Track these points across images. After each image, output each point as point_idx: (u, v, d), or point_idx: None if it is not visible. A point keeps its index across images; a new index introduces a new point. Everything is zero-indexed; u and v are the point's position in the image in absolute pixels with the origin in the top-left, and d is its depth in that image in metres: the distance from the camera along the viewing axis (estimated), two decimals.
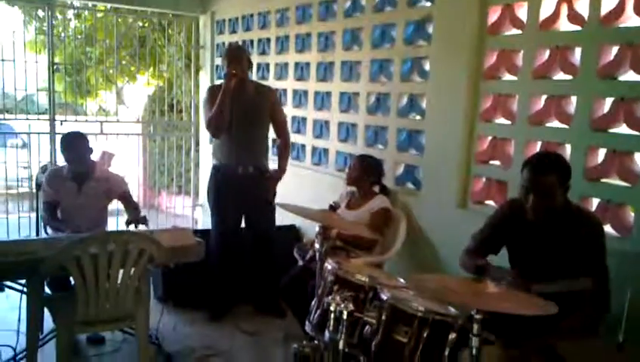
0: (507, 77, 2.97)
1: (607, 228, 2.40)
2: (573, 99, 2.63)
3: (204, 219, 6.26)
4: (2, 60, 5.23)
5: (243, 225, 3.74)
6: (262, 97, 3.65)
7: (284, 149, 3.78)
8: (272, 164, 3.78)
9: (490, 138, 3.05)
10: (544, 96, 2.77)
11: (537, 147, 2.79)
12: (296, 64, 4.57)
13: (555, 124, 2.74)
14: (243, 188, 3.57)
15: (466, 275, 2.17)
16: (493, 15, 2.99)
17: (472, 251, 2.37)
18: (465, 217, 3.06)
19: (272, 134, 3.78)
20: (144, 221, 3.26)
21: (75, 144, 3.34)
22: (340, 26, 4.05)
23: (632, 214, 2.44)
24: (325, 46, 4.24)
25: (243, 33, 5.34)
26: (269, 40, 4.90)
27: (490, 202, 3.05)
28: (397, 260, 3.33)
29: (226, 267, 3.69)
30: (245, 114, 3.54)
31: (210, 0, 5.82)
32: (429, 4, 3.37)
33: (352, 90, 4.00)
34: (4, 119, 5.79)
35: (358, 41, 3.91)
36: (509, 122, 2.93)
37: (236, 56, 3.55)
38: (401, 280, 2.18)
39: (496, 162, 3.03)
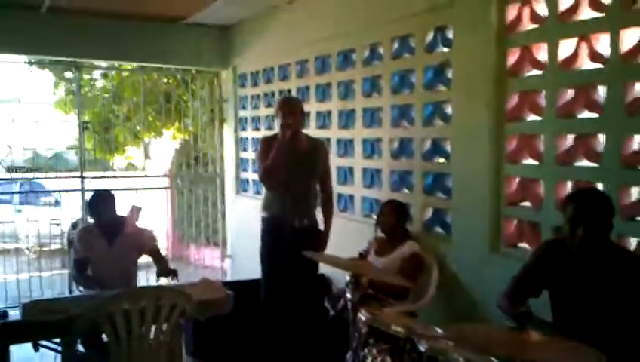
0: (531, 117, 2.97)
1: None
2: (601, 137, 2.61)
3: (232, 271, 6.26)
4: (35, 121, 5.43)
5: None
6: (315, 150, 3.68)
7: (330, 203, 3.80)
8: None
9: (518, 179, 3.02)
10: (570, 135, 2.76)
11: (568, 187, 2.75)
12: (318, 113, 4.64)
13: (584, 163, 2.71)
14: (298, 242, 3.43)
15: (507, 322, 2.11)
16: (512, 57, 3.00)
17: (511, 295, 2.31)
18: (498, 261, 3.00)
19: None
20: (174, 273, 3.28)
21: (102, 203, 3.42)
22: (359, 74, 4.12)
23: None
24: (345, 94, 4.30)
25: (264, 85, 5.46)
26: (289, 91, 5.00)
27: (524, 245, 2.99)
28: (431, 307, 3.26)
29: (274, 318, 3.63)
30: (300, 166, 3.54)
31: (231, 55, 5.99)
32: (446, 49, 3.42)
33: (374, 136, 4.03)
34: (36, 178, 5.94)
35: (378, 87, 3.97)
36: (536, 162, 2.91)
37: (291, 107, 3.56)
38: (439, 329, 2.14)
39: (527, 203, 2.99)
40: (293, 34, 4.87)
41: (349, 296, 2.44)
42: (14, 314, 2.71)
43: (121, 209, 3.60)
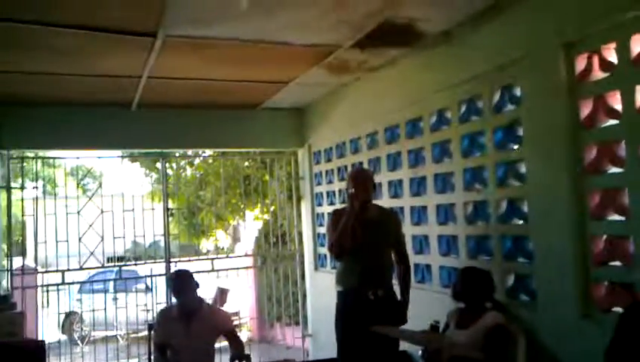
0: (613, 170, 2.76)
1: None
2: None
3: (313, 349, 6.11)
4: (131, 211, 5.75)
5: None
6: (387, 219, 3.66)
7: (407, 275, 3.69)
8: None
9: (604, 237, 2.77)
10: None
11: None
12: (390, 182, 4.60)
13: None
14: (373, 314, 3.35)
15: None
16: (585, 109, 2.86)
17: None
18: (590, 328, 2.72)
19: None
20: (248, 359, 3.24)
21: (179, 280, 3.50)
22: (427, 140, 4.09)
23: None
24: (416, 161, 4.26)
25: (337, 160, 5.54)
26: (361, 163, 5.02)
27: (618, 309, 2.69)
28: None
29: None
30: (371, 236, 3.50)
31: (306, 134, 6.18)
32: (514, 107, 3.32)
33: (447, 202, 3.91)
34: (124, 265, 6.20)
35: (448, 152, 3.89)
36: (622, 218, 2.67)
37: (360, 178, 3.59)
38: None
39: (617, 263, 2.72)
40: (361, 108, 4.97)
41: None
42: None
43: (206, 291, 3.65)
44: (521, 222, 3.30)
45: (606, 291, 2.76)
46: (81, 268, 5.59)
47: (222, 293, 8.77)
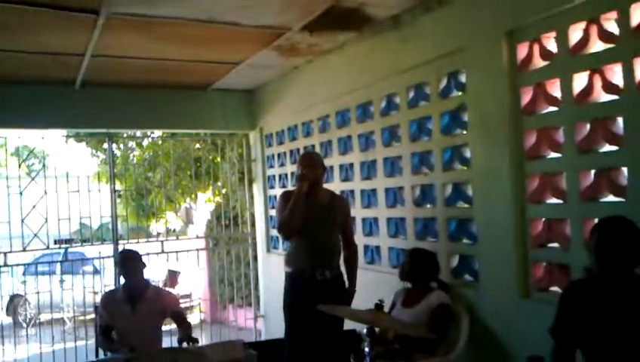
0: (551, 155, 2.88)
1: None
2: (624, 170, 2.49)
3: (266, 330, 6.15)
4: (76, 192, 5.59)
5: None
6: (335, 202, 3.68)
7: (354, 261, 3.74)
8: None
9: (543, 220, 2.90)
10: (593, 171, 2.64)
11: None
12: (341, 166, 4.64)
13: (610, 198, 2.58)
14: (320, 294, 3.39)
15: None
16: (526, 96, 2.95)
17: (559, 352, 2.14)
18: (530, 307, 2.85)
19: None
20: (195, 341, 3.23)
21: (128, 260, 3.45)
22: (377, 125, 4.13)
23: None
24: (366, 145, 4.30)
25: (289, 143, 5.53)
26: (313, 146, 5.04)
27: (556, 288, 2.83)
28: (462, 360, 3.08)
29: None
30: (320, 218, 3.53)
31: (257, 116, 6.13)
32: (460, 93, 3.40)
33: (396, 185, 3.98)
34: (70, 247, 6.04)
35: (397, 136, 3.95)
36: (560, 201, 2.79)
37: (309, 160, 3.62)
38: None
39: (555, 244, 2.85)
40: (313, 92, 4.96)
41: (366, 349, 2.34)
42: None
43: (156, 273, 3.61)
44: (465, 205, 3.40)
45: (544, 271, 2.88)
46: (24, 250, 5.41)
47: (172, 275, 8.69)
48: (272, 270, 5.89)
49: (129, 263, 3.46)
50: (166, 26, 3.73)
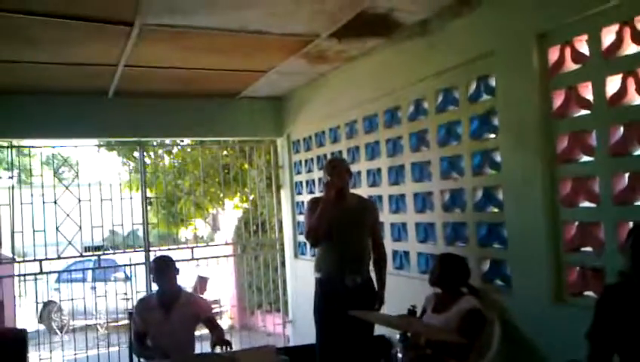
0: (584, 158, 2.85)
1: None
2: None
3: (294, 336, 6.18)
4: (109, 200, 5.71)
5: None
6: (363, 207, 3.69)
7: (383, 261, 3.74)
8: None
9: (576, 223, 2.87)
10: (627, 174, 2.61)
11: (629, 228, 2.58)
12: (368, 171, 4.65)
13: None
14: (351, 300, 3.40)
15: None
16: (558, 99, 2.93)
17: (596, 357, 2.12)
18: (563, 312, 2.82)
19: None
20: (228, 344, 3.27)
21: (162, 266, 3.51)
22: (405, 130, 4.14)
23: None
24: (394, 151, 4.31)
25: (317, 149, 5.57)
26: (340, 152, 5.06)
27: (589, 293, 2.79)
28: None
29: None
30: (349, 222, 3.55)
31: (285, 124, 6.19)
32: (490, 97, 3.39)
33: (425, 190, 3.98)
34: (102, 255, 6.13)
35: (425, 141, 3.95)
36: (593, 205, 2.76)
37: (335, 167, 3.63)
38: None
39: (588, 248, 2.81)
40: (340, 98, 4.99)
41: (399, 355, 2.34)
42: None
43: (186, 279, 3.65)
44: (496, 209, 3.38)
45: (578, 276, 2.85)
46: (59, 258, 5.55)
47: (202, 281, 8.79)
48: (299, 275, 5.93)
49: (163, 269, 3.51)
50: (197, 37, 3.81)
